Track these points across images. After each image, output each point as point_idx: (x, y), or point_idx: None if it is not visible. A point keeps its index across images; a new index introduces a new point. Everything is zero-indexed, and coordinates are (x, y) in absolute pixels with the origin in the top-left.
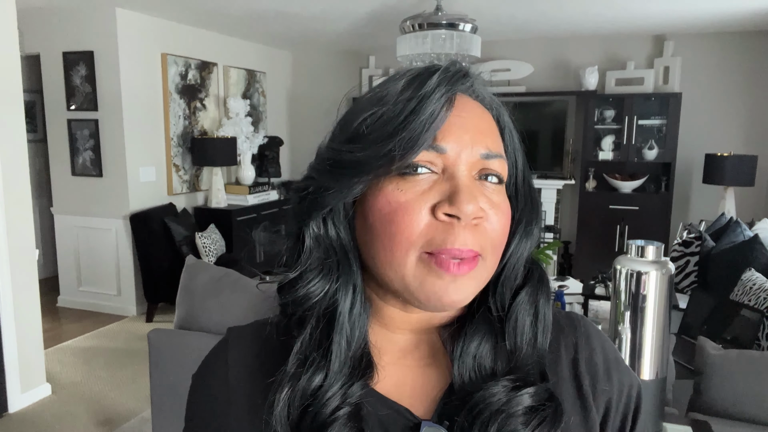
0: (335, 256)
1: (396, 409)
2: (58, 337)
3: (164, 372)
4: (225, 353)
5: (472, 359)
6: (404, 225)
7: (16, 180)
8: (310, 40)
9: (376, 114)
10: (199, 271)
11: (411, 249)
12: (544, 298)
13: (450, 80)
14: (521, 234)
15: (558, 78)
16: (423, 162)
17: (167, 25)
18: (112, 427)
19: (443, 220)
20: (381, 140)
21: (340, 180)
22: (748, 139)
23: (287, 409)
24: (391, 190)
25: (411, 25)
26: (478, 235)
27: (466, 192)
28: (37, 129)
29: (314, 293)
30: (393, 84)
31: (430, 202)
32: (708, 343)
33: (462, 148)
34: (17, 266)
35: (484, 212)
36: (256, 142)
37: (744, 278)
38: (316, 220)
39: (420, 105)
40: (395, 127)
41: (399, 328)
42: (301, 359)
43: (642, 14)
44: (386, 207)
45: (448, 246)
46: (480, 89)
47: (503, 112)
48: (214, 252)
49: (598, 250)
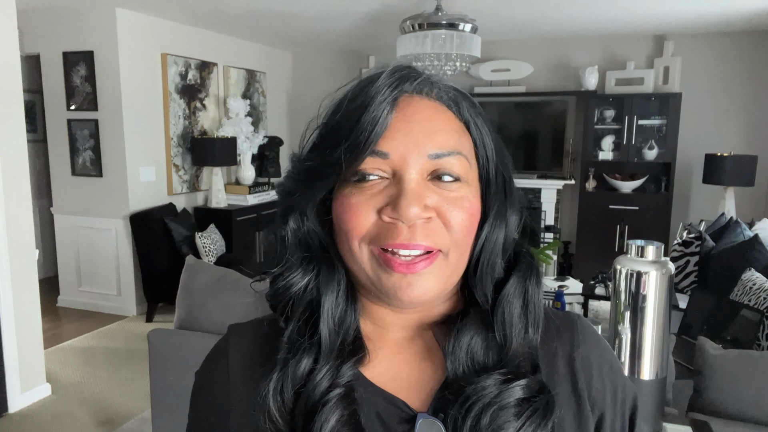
0: (313, 251)
1: (393, 402)
2: (58, 337)
3: (164, 372)
4: (225, 350)
5: (465, 353)
6: (353, 224)
7: (16, 180)
8: (310, 40)
9: (329, 123)
10: (199, 271)
11: (362, 242)
12: (533, 286)
13: (393, 84)
14: (492, 221)
15: (558, 78)
16: (370, 169)
17: (167, 25)
18: (112, 427)
19: (387, 221)
20: (330, 149)
21: (301, 186)
22: (748, 139)
23: (280, 396)
24: (346, 194)
25: (411, 25)
26: (430, 232)
27: (408, 196)
28: (37, 129)
29: (294, 284)
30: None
31: (378, 205)
32: (708, 343)
33: (408, 152)
34: (17, 266)
35: (435, 209)
36: (256, 142)
37: (744, 278)
38: (294, 218)
39: (363, 112)
40: (342, 135)
41: (392, 326)
42: (289, 347)
43: (642, 14)
44: (340, 208)
45: (390, 241)
46: (435, 87)
47: (466, 106)
48: (214, 252)
49: (598, 250)
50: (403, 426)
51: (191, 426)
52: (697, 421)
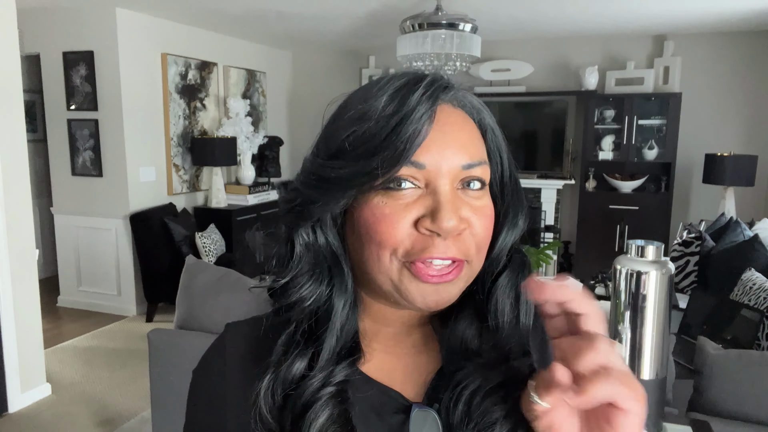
0: (326, 261)
1: (387, 393)
2: (58, 337)
3: (164, 372)
4: (222, 348)
5: (460, 342)
6: (387, 235)
7: (16, 180)
8: (310, 40)
9: (359, 130)
10: (199, 271)
11: (393, 255)
12: (525, 280)
13: (432, 95)
14: (508, 227)
15: (558, 78)
16: (405, 176)
17: (167, 25)
18: (112, 427)
19: (424, 234)
20: (364, 157)
21: (325, 194)
22: (748, 139)
23: (271, 397)
24: (376, 203)
25: (411, 25)
26: (460, 243)
27: (448, 208)
28: (37, 129)
29: (306, 297)
30: (375, 99)
31: (414, 216)
32: (708, 343)
33: (443, 162)
34: (17, 266)
35: (467, 221)
36: (256, 142)
37: (744, 278)
38: (305, 229)
39: (402, 123)
40: (378, 144)
41: (390, 321)
42: (284, 349)
43: (642, 14)
44: (371, 218)
45: (426, 255)
46: (462, 97)
47: (485, 114)
48: (214, 252)
49: (598, 250)
50: (398, 417)
51: (189, 423)
52: (697, 421)
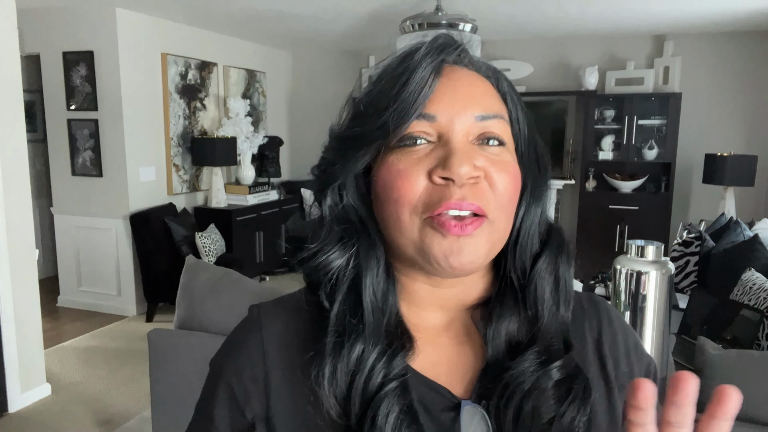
0: (353, 226)
1: (436, 389)
2: (58, 337)
3: (164, 372)
4: (258, 327)
5: (504, 337)
6: (404, 190)
7: (16, 180)
8: (310, 40)
9: (373, 91)
10: (199, 271)
11: (413, 212)
12: (564, 264)
13: (436, 50)
14: (529, 197)
15: (558, 78)
16: (417, 132)
17: (167, 25)
18: (112, 427)
19: (439, 183)
20: (376, 114)
21: (345, 154)
22: (748, 139)
23: (334, 380)
24: (392, 160)
25: (411, 25)
26: (478, 192)
27: (459, 155)
28: (37, 129)
29: (333, 260)
30: (388, 62)
31: (426, 168)
32: (708, 343)
33: (454, 114)
34: (17, 266)
35: (483, 170)
36: (256, 142)
37: (744, 278)
38: (332, 193)
39: (408, 77)
40: (388, 100)
41: (429, 306)
42: (338, 331)
43: (642, 14)
44: (387, 176)
45: (443, 203)
46: (475, 59)
47: (502, 79)
48: (214, 252)
49: (598, 250)
50: (447, 414)
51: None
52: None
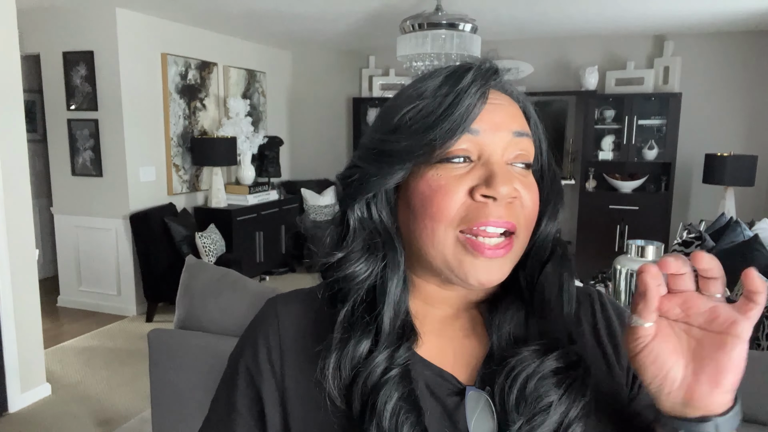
0: (379, 237)
1: (442, 375)
2: (58, 337)
3: (164, 372)
4: (275, 316)
5: (508, 329)
6: (443, 205)
7: (16, 180)
8: (310, 40)
9: (417, 107)
10: (199, 271)
11: (449, 227)
12: (567, 272)
13: (483, 76)
14: (549, 214)
15: (558, 78)
16: (460, 151)
17: (167, 25)
18: (112, 427)
19: (480, 201)
20: (422, 131)
21: (383, 167)
22: (748, 139)
23: (338, 373)
24: (431, 175)
25: (411, 25)
26: (513, 211)
27: (502, 175)
28: (37, 129)
29: (360, 271)
30: (431, 80)
31: (468, 185)
32: None
33: (495, 131)
34: (17, 266)
35: (518, 192)
36: (256, 142)
37: None
38: (360, 204)
39: (457, 99)
40: (435, 118)
41: (439, 303)
42: (346, 327)
43: (642, 14)
44: (427, 190)
45: (482, 220)
46: (507, 85)
47: (529, 105)
48: (214, 252)
49: (598, 250)
50: (453, 399)
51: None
52: None
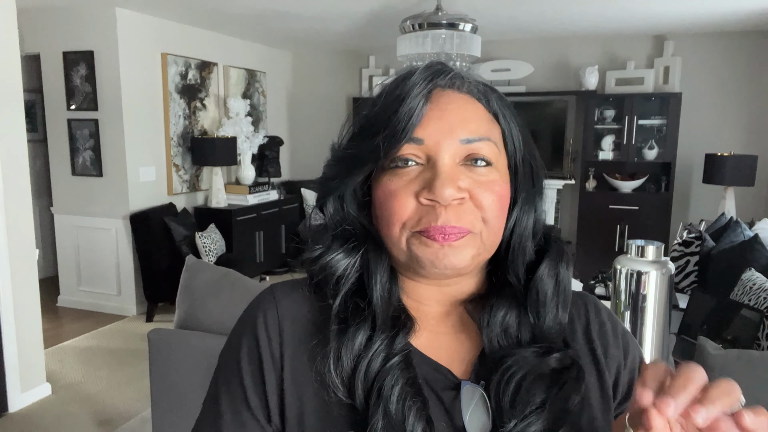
0: (354, 233)
1: (438, 369)
2: (58, 337)
3: (164, 372)
4: (273, 302)
5: (500, 327)
6: (394, 210)
7: (16, 180)
8: (310, 40)
9: (369, 115)
10: (199, 270)
11: (403, 230)
12: (564, 269)
13: (427, 78)
14: (521, 206)
15: (558, 78)
16: (407, 155)
17: (167, 25)
18: (112, 427)
19: (426, 204)
20: (370, 137)
21: (341, 171)
22: (748, 139)
23: (339, 362)
24: (386, 180)
25: (411, 25)
26: (463, 213)
27: (443, 177)
28: (37, 129)
29: (339, 263)
30: (383, 88)
31: (414, 189)
32: (708, 343)
33: (441, 138)
34: (17, 266)
35: (468, 191)
36: (256, 141)
37: (744, 278)
38: (331, 203)
39: (400, 104)
40: (380, 125)
41: (428, 300)
42: (342, 318)
43: (642, 14)
44: (382, 195)
45: (431, 224)
46: (466, 82)
47: (495, 98)
48: (214, 252)
49: (598, 250)
50: (449, 392)
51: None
52: None
